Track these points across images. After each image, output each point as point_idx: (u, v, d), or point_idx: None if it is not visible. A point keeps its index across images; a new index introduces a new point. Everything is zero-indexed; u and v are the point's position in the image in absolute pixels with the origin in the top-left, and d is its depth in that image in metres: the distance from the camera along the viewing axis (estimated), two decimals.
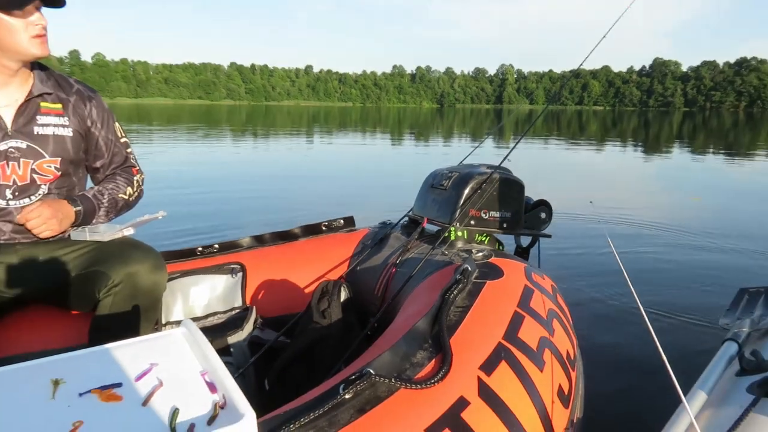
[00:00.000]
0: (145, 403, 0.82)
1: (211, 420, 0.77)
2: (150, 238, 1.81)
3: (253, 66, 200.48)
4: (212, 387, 0.86)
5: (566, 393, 1.31)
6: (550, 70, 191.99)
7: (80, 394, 0.84)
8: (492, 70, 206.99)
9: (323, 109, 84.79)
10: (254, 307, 2.02)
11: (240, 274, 2.12)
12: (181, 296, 2.02)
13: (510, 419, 1.09)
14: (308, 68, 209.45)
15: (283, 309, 2.06)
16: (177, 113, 47.80)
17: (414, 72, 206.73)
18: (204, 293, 2.07)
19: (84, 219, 1.75)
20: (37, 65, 1.73)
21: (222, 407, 0.80)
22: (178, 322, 1.97)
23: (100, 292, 1.64)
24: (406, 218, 2.36)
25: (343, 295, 1.70)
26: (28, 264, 1.68)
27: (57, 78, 1.77)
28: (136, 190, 1.92)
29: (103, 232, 1.77)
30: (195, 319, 1.99)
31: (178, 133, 19.58)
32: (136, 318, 1.68)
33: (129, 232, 1.80)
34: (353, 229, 2.48)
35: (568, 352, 1.44)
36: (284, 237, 2.38)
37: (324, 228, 2.44)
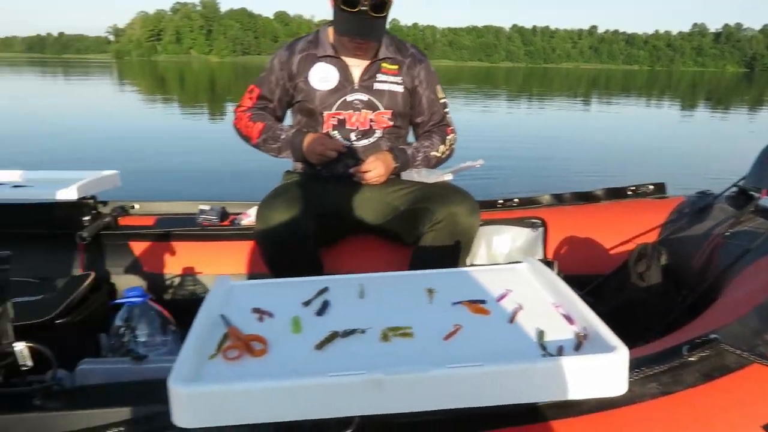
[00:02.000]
0: (510, 320, 0.91)
1: (578, 347, 0.83)
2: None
3: (534, 28, 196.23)
4: (569, 319, 0.91)
5: None
6: None
7: (453, 303, 0.97)
8: None
9: (604, 73, 79.14)
10: (556, 262, 2.04)
11: (541, 229, 2.16)
12: (484, 243, 2.15)
13: None
14: (592, 29, 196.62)
15: (586, 268, 2.04)
16: (458, 75, 49.60)
17: (719, 30, 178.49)
18: (506, 243, 2.16)
19: (397, 172, 1.98)
20: (385, 32, 1.99)
21: (584, 338, 0.85)
22: (481, 265, 2.10)
23: (425, 227, 1.84)
24: (734, 189, 2.10)
25: (663, 260, 1.62)
26: (364, 196, 1.96)
27: (397, 43, 2.02)
28: (448, 148, 2.09)
29: (427, 175, 1.97)
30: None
31: (458, 93, 20.35)
32: (453, 254, 1.85)
33: (449, 177, 1.97)
34: (663, 196, 2.31)
35: None
36: (586, 198, 2.34)
37: (630, 192, 2.32)
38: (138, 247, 2.03)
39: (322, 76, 1.93)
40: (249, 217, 2.15)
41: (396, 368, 0.74)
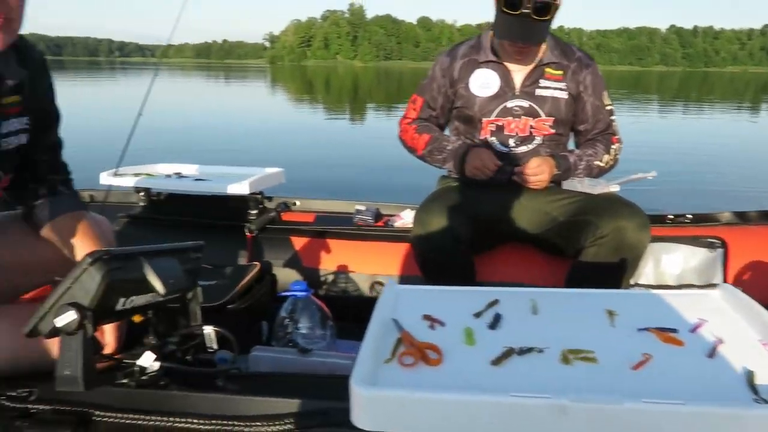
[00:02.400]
0: (709, 355, 0.82)
1: None
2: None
3: (695, 28, 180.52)
4: None
5: None
6: None
7: (638, 329, 0.89)
8: None
9: None
10: (739, 288, 1.84)
11: (720, 251, 1.95)
12: (652, 261, 1.99)
13: None
14: (765, 28, 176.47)
15: None
16: (606, 79, 46.87)
17: None
18: (677, 263, 1.98)
19: (557, 179, 1.89)
20: (550, 36, 1.90)
21: None
22: (647, 286, 1.95)
23: (587, 240, 1.74)
24: None
25: None
26: (521, 204, 1.89)
27: (563, 46, 1.93)
28: (613, 158, 1.97)
29: (591, 185, 1.86)
30: (667, 288, 1.93)
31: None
32: (618, 272, 1.73)
33: (615, 188, 1.84)
34: None
35: None
36: None
37: None
38: (298, 242, 2.14)
39: (483, 82, 1.90)
40: (402, 220, 2.18)
41: (583, 395, 0.69)
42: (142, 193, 2.30)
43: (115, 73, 47.53)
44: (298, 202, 2.39)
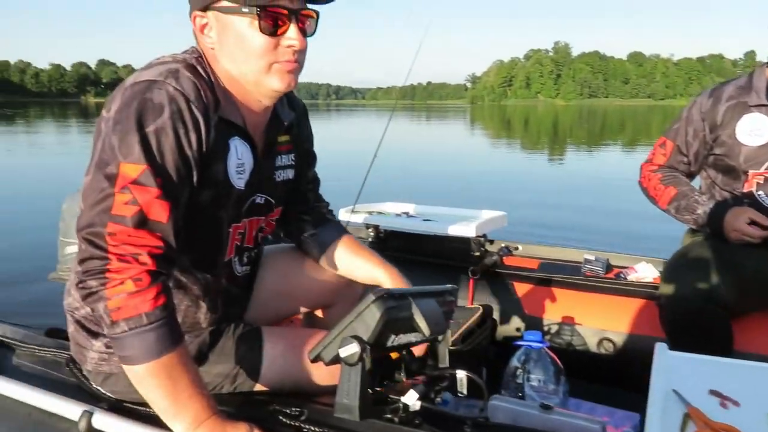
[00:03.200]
0: None
1: None
2: None
3: None
4: None
5: None
6: None
7: None
8: None
9: None
10: None
11: None
12: None
13: None
14: None
15: None
16: None
17: None
18: None
19: None
20: None
21: None
22: None
23: None
24: None
25: None
26: None
27: None
28: None
29: None
30: None
31: None
32: None
33: None
34: None
35: None
36: None
37: None
38: (520, 288, 2.09)
39: (753, 129, 1.68)
40: (636, 273, 2.02)
41: None
42: (371, 230, 2.45)
43: (330, 114, 52.47)
44: (520, 247, 2.34)
